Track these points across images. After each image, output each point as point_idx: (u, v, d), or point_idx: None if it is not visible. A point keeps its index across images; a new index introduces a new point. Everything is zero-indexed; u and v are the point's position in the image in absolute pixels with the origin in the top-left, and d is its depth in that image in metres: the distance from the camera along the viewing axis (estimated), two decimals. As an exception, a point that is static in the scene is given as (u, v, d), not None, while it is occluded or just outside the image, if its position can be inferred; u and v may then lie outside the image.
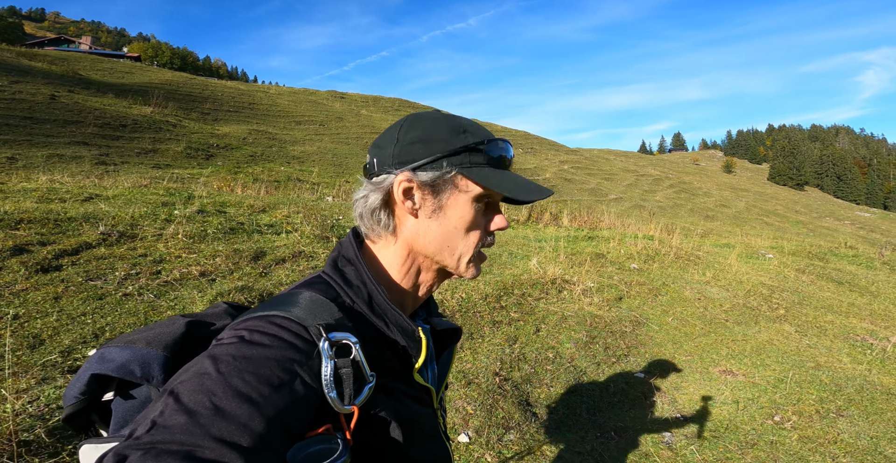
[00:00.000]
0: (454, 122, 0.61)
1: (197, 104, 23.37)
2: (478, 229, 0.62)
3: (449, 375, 0.79)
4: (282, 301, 0.54)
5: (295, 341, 0.48)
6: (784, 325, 4.31)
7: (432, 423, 0.66)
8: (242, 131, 21.04)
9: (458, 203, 0.60)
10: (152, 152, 14.15)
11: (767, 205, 44.72)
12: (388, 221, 0.61)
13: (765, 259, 7.63)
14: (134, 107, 18.05)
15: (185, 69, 42.09)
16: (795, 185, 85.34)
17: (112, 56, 36.61)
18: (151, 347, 0.53)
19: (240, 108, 25.91)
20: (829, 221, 44.42)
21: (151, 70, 27.78)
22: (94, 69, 23.88)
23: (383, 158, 0.61)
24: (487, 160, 0.61)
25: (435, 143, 0.59)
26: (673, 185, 38.77)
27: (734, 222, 27.75)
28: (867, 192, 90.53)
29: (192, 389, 0.41)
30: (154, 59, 46.26)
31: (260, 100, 29.00)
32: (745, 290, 5.10)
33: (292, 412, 0.44)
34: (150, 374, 0.52)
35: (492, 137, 0.62)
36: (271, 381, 0.43)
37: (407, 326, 0.60)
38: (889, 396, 2.99)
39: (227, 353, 0.45)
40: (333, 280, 0.60)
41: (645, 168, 48.80)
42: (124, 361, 0.52)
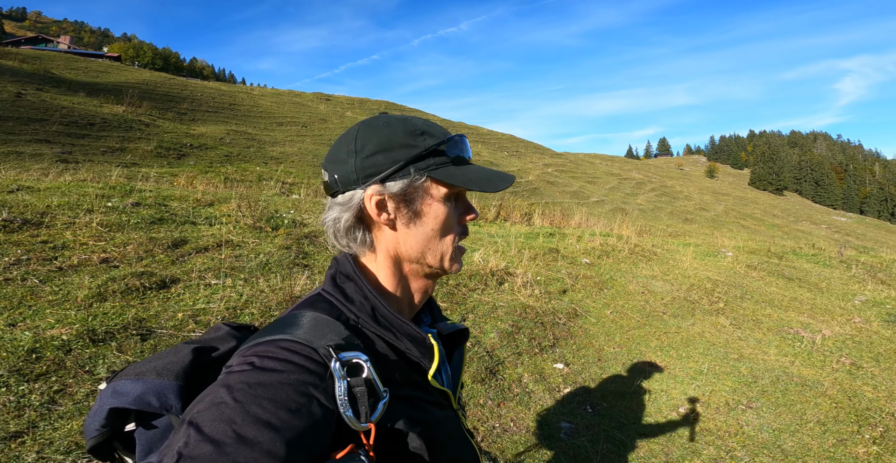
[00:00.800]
0: (409, 125, 0.61)
1: (174, 104, 23.02)
2: (453, 227, 0.63)
3: (463, 375, 0.80)
4: (287, 323, 0.54)
5: (306, 364, 0.49)
6: (720, 317, 4.34)
7: (455, 424, 0.66)
8: (220, 131, 20.76)
9: (432, 207, 0.60)
10: (119, 151, 13.86)
11: (746, 209, 45.65)
12: (364, 237, 0.61)
13: (723, 256, 7.73)
14: (105, 106, 17.69)
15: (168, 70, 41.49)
16: (775, 190, 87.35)
17: (91, 56, 35.98)
18: (163, 377, 0.54)
19: (219, 109, 25.59)
20: (806, 225, 45.49)
21: (129, 70, 27.33)
22: (69, 68, 23.40)
23: (346, 174, 0.59)
24: (449, 159, 0.61)
25: (396, 151, 0.58)
26: (655, 189, 39.34)
27: (712, 225, 28.24)
28: (844, 197, 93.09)
29: (212, 419, 0.42)
30: (135, 60, 45.51)
31: (241, 101, 28.70)
32: (689, 284, 5.13)
33: (313, 435, 0.44)
34: (167, 404, 0.53)
35: (449, 135, 0.62)
36: (289, 405, 0.44)
37: (416, 334, 0.60)
38: (803, 388, 3.01)
39: (240, 380, 0.45)
40: (334, 298, 0.60)
41: (630, 172, 49.47)
42: (139, 393, 0.53)
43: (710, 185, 71.04)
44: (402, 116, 0.63)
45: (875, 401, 2.89)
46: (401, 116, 0.63)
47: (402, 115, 0.64)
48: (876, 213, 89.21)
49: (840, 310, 5.09)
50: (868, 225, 66.98)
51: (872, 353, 3.79)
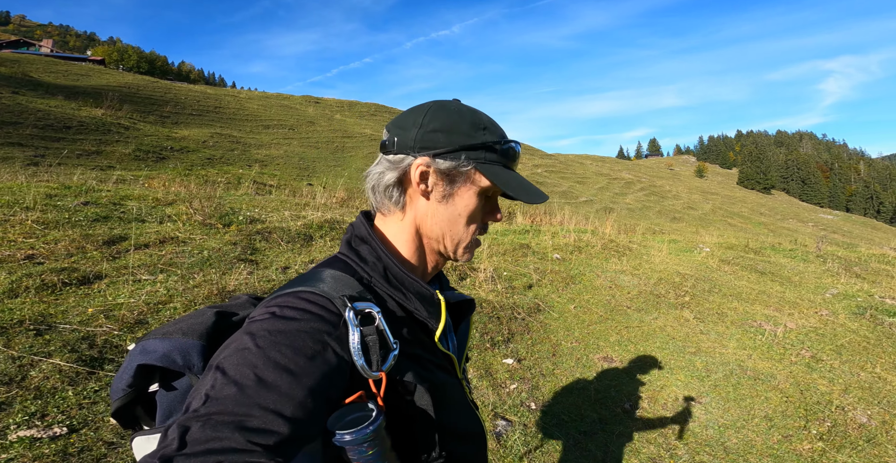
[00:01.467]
0: (476, 118, 0.64)
1: (156, 107, 22.73)
2: (477, 220, 0.66)
3: (468, 346, 0.80)
4: (305, 279, 0.57)
5: (322, 313, 0.51)
6: (684, 311, 4.28)
7: (459, 392, 0.67)
8: (203, 134, 20.50)
9: (467, 194, 0.63)
10: (95, 154, 13.61)
11: (734, 207, 46.11)
12: (399, 198, 0.64)
13: (699, 252, 7.71)
14: (84, 109, 17.40)
15: (154, 73, 40.96)
16: (763, 189, 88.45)
17: (74, 59, 35.52)
18: (188, 336, 0.55)
19: (204, 112, 25.31)
20: (793, 223, 46.05)
21: (111, 73, 26.95)
22: (48, 71, 23.02)
23: (405, 140, 0.62)
24: (500, 159, 0.64)
25: (456, 135, 0.62)
26: (644, 189, 39.60)
27: (699, 224, 28.44)
28: (830, 196, 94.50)
29: (236, 363, 0.44)
30: (120, 63, 44.88)
31: (227, 104, 28.41)
32: (658, 278, 5.08)
33: (328, 381, 0.47)
34: (190, 362, 0.54)
35: (507, 139, 0.66)
36: (306, 352, 0.46)
37: (425, 291, 0.62)
38: (755, 382, 2.95)
39: (262, 328, 0.48)
40: (349, 258, 0.63)
41: (620, 173, 49.77)
42: (166, 351, 0.54)
43: (700, 184, 71.75)
44: (473, 109, 0.66)
45: (827, 394, 2.83)
46: (472, 108, 0.66)
47: (474, 108, 0.67)
48: (862, 211, 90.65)
49: (809, 303, 5.07)
50: (854, 222, 67.99)
51: (835, 345, 3.75)
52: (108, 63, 40.59)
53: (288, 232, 3.97)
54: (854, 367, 3.36)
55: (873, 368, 3.38)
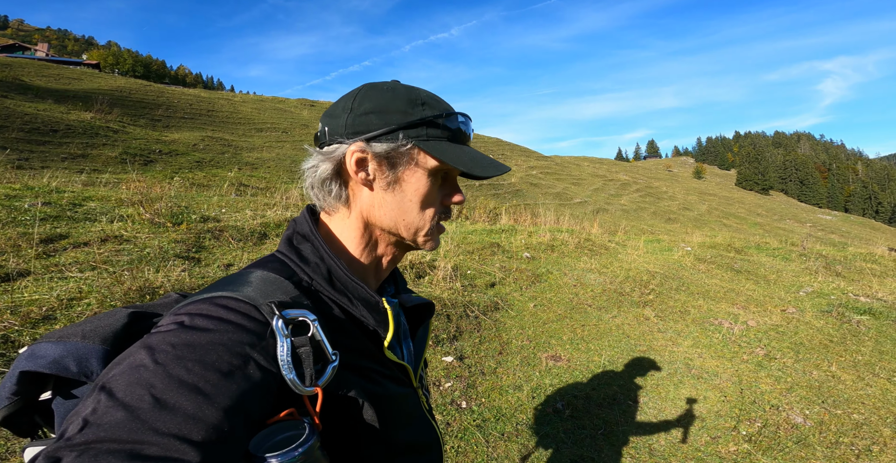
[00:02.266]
0: (412, 94, 0.59)
1: (148, 111, 22.75)
2: (433, 203, 0.60)
3: (426, 352, 0.74)
4: (229, 282, 0.51)
5: (243, 322, 0.45)
6: (646, 309, 4.22)
7: (413, 403, 0.63)
8: (194, 138, 20.50)
9: (414, 176, 0.58)
10: (81, 157, 13.59)
11: (731, 208, 46.07)
12: (339, 192, 0.59)
13: (679, 250, 7.65)
14: (73, 112, 17.40)
15: (149, 77, 41.09)
16: (761, 190, 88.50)
17: (69, 63, 35.62)
18: (88, 340, 0.48)
19: (196, 115, 25.34)
20: (790, 223, 46.00)
21: (103, 77, 27.00)
22: (40, 75, 23.06)
23: (335, 128, 0.58)
24: (446, 134, 0.59)
25: (391, 114, 0.57)
26: (639, 190, 39.58)
27: (694, 224, 28.39)
28: (829, 196, 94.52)
29: (127, 383, 0.37)
30: (115, 67, 45.01)
31: (221, 107, 28.45)
32: (625, 276, 5.02)
33: (249, 399, 0.40)
34: (88, 369, 0.47)
35: (451, 110, 0.60)
36: (220, 367, 0.40)
37: (370, 298, 0.57)
38: (697, 381, 2.89)
39: (164, 341, 0.41)
40: (288, 258, 0.57)
41: (617, 174, 49.77)
42: (57, 356, 0.47)
43: (697, 185, 71.78)
44: (410, 86, 0.60)
45: (767, 393, 2.77)
46: (409, 86, 0.60)
47: (411, 86, 0.61)
48: (860, 211, 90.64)
49: (778, 301, 5.01)
50: (853, 223, 67.92)
51: (793, 343, 3.69)
52: (104, 67, 40.69)
53: (242, 230, 3.92)
54: (808, 365, 3.29)
55: (829, 366, 3.31)
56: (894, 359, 3.61)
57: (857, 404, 2.73)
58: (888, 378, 3.24)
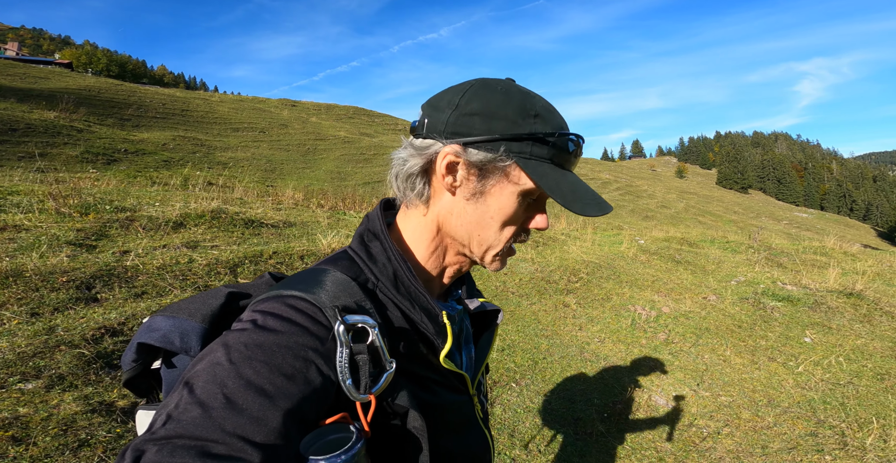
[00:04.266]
0: (526, 101, 0.53)
1: (116, 110, 22.28)
2: (515, 225, 0.56)
3: (488, 359, 0.71)
4: (301, 279, 0.52)
5: (309, 325, 0.46)
6: (568, 296, 4.29)
7: (468, 410, 0.62)
8: (164, 137, 20.15)
9: (503, 193, 0.54)
10: (40, 156, 13.23)
11: (708, 206, 47.02)
12: (422, 190, 0.56)
13: (632, 243, 7.78)
14: (35, 111, 16.94)
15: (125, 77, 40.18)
16: (740, 189, 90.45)
17: (40, 62, 34.69)
18: (192, 318, 0.52)
19: (169, 115, 24.90)
20: (765, 221, 47.11)
21: (72, 76, 26.38)
22: (5, 74, 22.43)
23: (435, 122, 0.54)
24: (551, 156, 0.54)
25: (497, 121, 0.52)
26: (620, 188, 40.16)
27: (670, 222, 28.90)
28: (805, 195, 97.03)
29: (205, 381, 0.40)
30: (88, 66, 43.94)
31: (196, 107, 28.01)
32: (558, 265, 5.09)
33: (307, 403, 0.42)
34: (188, 345, 0.51)
35: (564, 130, 0.54)
36: (284, 370, 0.42)
37: (432, 309, 0.55)
38: (585, 363, 2.96)
39: (239, 340, 0.44)
40: (358, 256, 0.57)
41: (600, 173, 50.36)
42: (166, 330, 0.51)
43: (679, 184, 73.05)
44: (527, 91, 0.56)
45: (645, 376, 2.83)
46: (525, 90, 0.56)
47: (529, 91, 0.56)
48: (835, 209, 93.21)
49: (704, 289, 5.13)
50: (828, 220, 69.86)
51: (699, 328, 3.79)
52: (77, 66, 39.70)
53: (156, 220, 3.87)
54: (704, 349, 3.38)
55: (725, 350, 3.41)
56: (798, 344, 3.73)
57: (734, 387, 2.81)
58: (783, 362, 3.35)
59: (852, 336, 3.86)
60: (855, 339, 3.81)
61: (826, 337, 3.85)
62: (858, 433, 2.18)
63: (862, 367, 3.26)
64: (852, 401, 2.66)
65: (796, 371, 3.19)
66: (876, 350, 3.56)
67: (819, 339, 3.81)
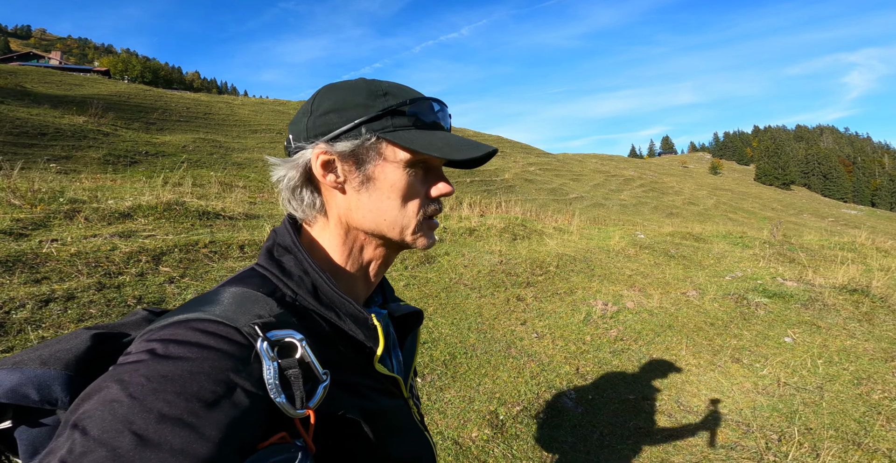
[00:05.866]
0: (373, 86, 0.55)
1: (143, 114, 23.35)
2: (416, 198, 0.56)
3: (415, 361, 0.72)
4: (204, 301, 0.47)
5: (224, 347, 0.41)
6: (525, 290, 4.02)
7: (405, 414, 0.62)
8: (185, 140, 20.92)
9: (386, 171, 0.54)
10: (64, 159, 13.98)
11: (743, 203, 44.58)
12: (312, 199, 0.56)
13: (629, 237, 7.36)
14: (66, 116, 17.97)
15: (157, 83, 42.21)
16: (782, 185, 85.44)
17: (79, 70, 36.89)
18: (48, 366, 0.43)
19: (192, 118, 25.89)
20: (807, 218, 44.21)
21: (105, 82, 27.86)
22: (43, 82, 23.95)
23: (297, 133, 0.56)
24: (413, 122, 0.55)
25: (351, 110, 0.53)
26: (644, 185, 38.66)
27: (697, 219, 27.49)
28: (854, 190, 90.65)
29: (101, 419, 0.34)
30: (124, 73, 46.48)
31: (218, 110, 29.01)
32: (526, 258, 4.81)
33: (239, 427, 0.38)
34: (51, 397, 0.42)
35: (416, 96, 0.56)
36: (203, 397, 0.37)
37: (359, 314, 0.54)
38: (507, 359, 2.75)
39: (137, 373, 0.37)
40: (269, 272, 0.54)
41: (624, 170, 48.70)
42: (14, 385, 0.42)
43: (712, 181, 69.72)
44: (373, 79, 0.57)
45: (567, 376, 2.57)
46: (371, 79, 0.57)
47: (374, 79, 0.57)
48: (888, 205, 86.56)
49: (688, 284, 4.73)
50: (879, 217, 64.76)
51: (660, 325, 3.45)
52: (114, 74, 42.04)
53: (102, 212, 3.89)
54: (658, 348, 3.06)
55: (680, 350, 3.08)
56: (775, 344, 3.34)
57: (669, 391, 2.52)
58: (749, 364, 2.99)
59: (843, 336, 3.42)
60: (845, 339, 3.36)
61: (811, 337, 3.42)
62: (784, 446, 1.84)
63: (841, 370, 2.85)
64: (809, 408, 2.30)
65: (760, 373, 2.83)
66: (865, 352, 3.12)
67: (802, 339, 3.39)
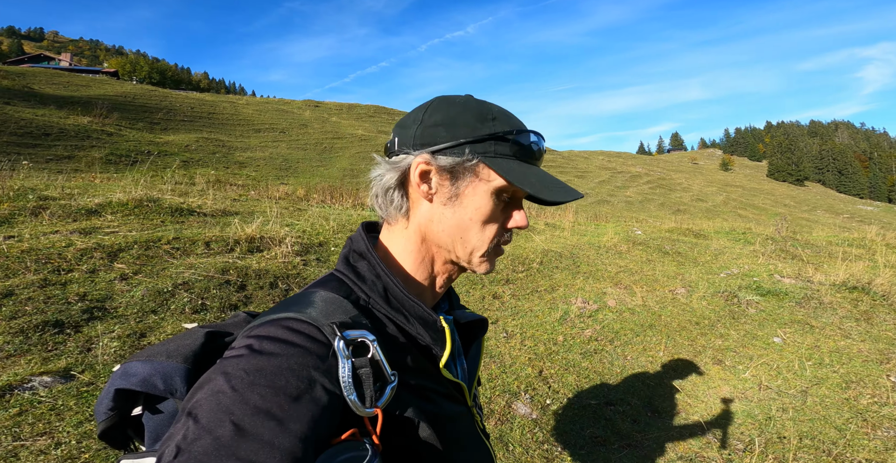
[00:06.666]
0: (483, 108, 0.58)
1: (147, 114, 23.54)
2: (495, 223, 0.58)
3: (480, 370, 0.73)
4: (293, 302, 0.52)
5: (307, 344, 0.46)
6: (505, 286, 3.87)
7: (468, 421, 0.63)
8: (188, 139, 21.05)
9: (477, 193, 0.56)
10: (67, 159, 14.11)
11: (754, 199, 43.70)
12: (401, 202, 0.59)
13: (623, 233, 7.15)
14: (71, 117, 18.15)
15: (165, 83, 42.64)
16: (795, 181, 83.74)
17: (89, 71, 37.37)
18: (172, 359, 0.51)
19: (196, 118, 26.06)
20: (821, 214, 43.20)
21: (111, 83, 28.16)
22: (50, 83, 24.27)
23: (404, 138, 0.58)
24: (514, 152, 0.57)
25: (459, 128, 0.56)
26: (650, 182, 38.07)
27: (705, 216, 26.97)
28: (870, 186, 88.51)
29: (210, 410, 0.40)
30: (133, 74, 47.03)
31: (222, 110, 29.17)
32: (507, 254, 4.65)
33: (318, 422, 0.42)
34: (172, 387, 0.50)
35: (522, 128, 0.58)
36: (290, 392, 0.41)
37: (428, 316, 0.57)
38: None
39: (238, 366, 0.43)
40: (346, 276, 0.58)
41: (632, 167, 48.04)
42: (146, 375, 0.50)
43: (722, 177, 68.52)
44: (483, 101, 0.60)
45: (527, 378, 2.40)
46: (482, 100, 0.61)
47: (484, 100, 0.61)
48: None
49: (678, 281, 4.52)
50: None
51: (640, 325, 3.28)
52: (122, 74, 42.52)
53: (69, 209, 3.83)
54: (633, 349, 2.89)
55: (658, 351, 2.90)
56: (763, 345, 3.14)
57: (637, 395, 2.34)
58: (732, 366, 2.82)
59: (837, 336, 3.21)
60: (839, 339, 3.15)
61: (802, 337, 3.21)
62: (747, 458, 1.67)
63: (830, 372, 2.66)
64: (788, 414, 2.12)
65: (741, 376, 2.64)
66: (860, 353, 2.92)
67: (793, 339, 3.19)
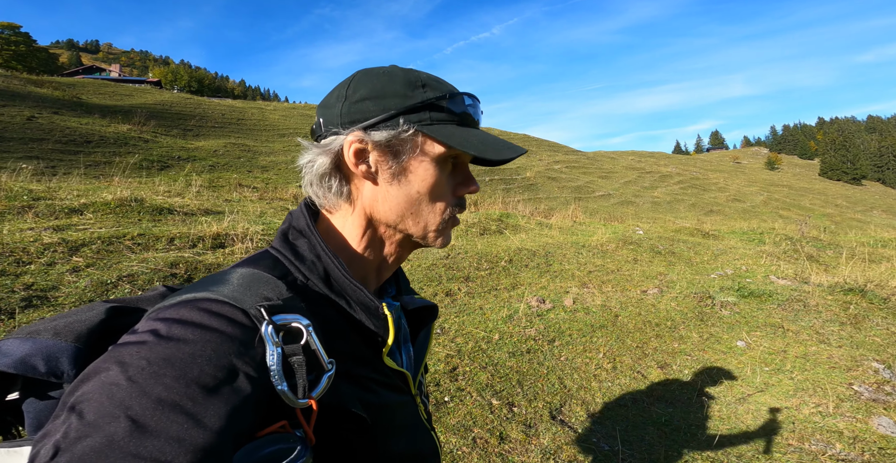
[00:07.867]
0: (410, 76, 0.55)
1: (182, 121, 24.92)
2: (444, 194, 0.55)
3: (426, 357, 0.70)
4: (213, 280, 0.46)
5: (228, 329, 0.40)
6: (462, 284, 3.80)
7: (411, 411, 0.60)
8: (217, 144, 22.12)
9: (420, 165, 0.54)
10: (104, 164, 15.11)
11: (802, 199, 40.83)
12: (340, 188, 0.55)
13: (622, 232, 6.87)
14: (112, 125, 19.51)
15: (202, 92, 45.11)
16: (851, 180, 77.67)
17: (134, 81, 40.02)
18: (60, 337, 0.44)
19: (226, 124, 27.34)
20: (877, 215, 39.73)
21: (152, 92, 30.10)
22: (97, 93, 26.21)
23: (330, 118, 0.54)
24: (451, 117, 0.55)
25: (389, 99, 0.53)
26: (682, 182, 36.38)
27: (742, 217, 25.42)
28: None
29: (99, 404, 0.34)
30: (174, 83, 50.15)
31: (251, 116, 30.49)
32: (477, 252, 4.55)
33: (239, 414, 0.37)
34: (58, 369, 0.42)
35: (455, 91, 0.56)
36: (204, 382, 0.36)
37: (369, 302, 0.52)
38: None
39: (138, 355, 0.37)
40: (283, 255, 0.53)
41: (663, 167, 46.10)
42: (23, 354, 0.42)
43: (768, 177, 64.44)
44: (409, 69, 0.57)
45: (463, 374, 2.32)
46: (407, 69, 0.57)
47: (410, 68, 0.57)
48: (982, 201, 76.25)
49: (658, 281, 4.28)
50: (970, 214, 57.09)
51: (589, 325, 3.12)
52: (164, 83, 45.41)
53: (54, 208, 4.09)
54: (572, 350, 2.76)
55: (598, 352, 2.75)
56: (724, 349, 2.92)
57: (552, 397, 2.22)
58: (678, 370, 2.63)
59: (811, 341, 2.93)
60: (812, 344, 2.88)
61: (771, 341, 2.95)
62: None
63: (784, 379, 2.43)
64: (712, 422, 1.94)
65: (682, 381, 2.45)
66: (829, 360, 2.64)
67: (759, 343, 2.94)
